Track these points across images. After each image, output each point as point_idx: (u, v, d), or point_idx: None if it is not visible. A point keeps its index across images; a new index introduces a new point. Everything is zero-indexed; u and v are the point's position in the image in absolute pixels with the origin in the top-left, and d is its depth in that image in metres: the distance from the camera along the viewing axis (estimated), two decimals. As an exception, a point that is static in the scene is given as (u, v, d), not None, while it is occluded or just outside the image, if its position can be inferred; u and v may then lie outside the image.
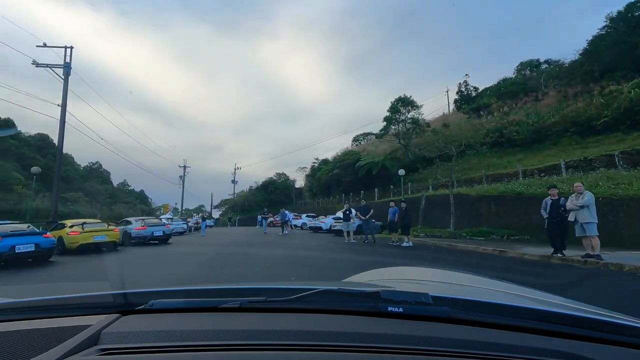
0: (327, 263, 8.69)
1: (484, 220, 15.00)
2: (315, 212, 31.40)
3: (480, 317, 0.81)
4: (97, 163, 71.53)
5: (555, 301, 1.13)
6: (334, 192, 36.63)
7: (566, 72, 30.82)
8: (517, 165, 21.05)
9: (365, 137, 48.31)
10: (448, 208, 16.84)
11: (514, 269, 7.26)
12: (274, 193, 54.29)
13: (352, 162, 33.46)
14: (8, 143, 42.23)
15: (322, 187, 40.42)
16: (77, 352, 0.70)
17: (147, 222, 15.02)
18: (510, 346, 0.71)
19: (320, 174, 40.56)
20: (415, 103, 30.56)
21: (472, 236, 13.82)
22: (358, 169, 31.46)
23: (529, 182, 14.83)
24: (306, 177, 53.68)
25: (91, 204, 46.67)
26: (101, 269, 8.51)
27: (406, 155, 30.94)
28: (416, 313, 0.83)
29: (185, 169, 50.06)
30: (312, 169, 49.96)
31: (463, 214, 15.51)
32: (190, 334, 0.76)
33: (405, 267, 2.23)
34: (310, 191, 46.99)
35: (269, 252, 11.07)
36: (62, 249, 11.48)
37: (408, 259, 8.67)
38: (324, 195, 39.89)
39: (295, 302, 0.88)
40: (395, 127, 31.43)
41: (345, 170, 34.10)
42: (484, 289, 1.26)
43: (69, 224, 12.09)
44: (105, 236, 12.05)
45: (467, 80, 40.36)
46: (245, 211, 54.24)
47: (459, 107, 38.98)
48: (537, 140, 23.43)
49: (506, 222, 13.95)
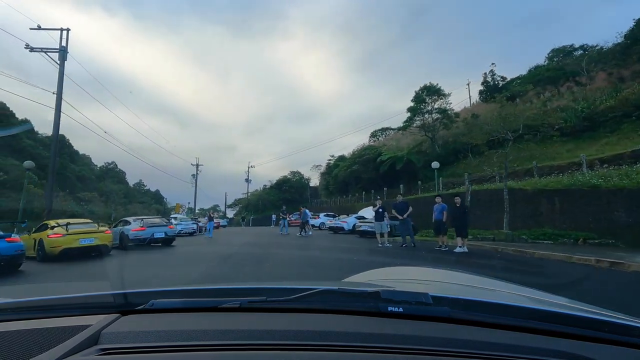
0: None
1: (544, 219, 12.39)
2: (332, 211, 29.13)
3: (481, 317, 0.80)
4: (112, 163, 71.48)
5: (556, 301, 1.11)
6: (352, 189, 34.27)
7: (612, 55, 27.67)
8: (567, 154, 18.31)
9: (384, 132, 45.67)
10: (494, 205, 14.26)
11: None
12: (289, 192, 52.23)
13: (373, 157, 31.03)
14: (24, 143, 41.84)
15: (339, 185, 38.16)
16: (77, 352, 0.69)
17: (146, 222, 13.06)
18: (510, 346, 0.70)
19: (337, 171, 38.26)
20: (442, 91, 27.88)
21: (534, 239, 11.26)
22: (379, 164, 29.01)
23: (602, 173, 12.10)
24: (321, 175, 51.53)
25: (106, 203, 46.05)
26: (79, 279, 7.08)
27: (433, 149, 28.26)
28: (416, 313, 0.82)
29: (197, 167, 48.67)
30: (327, 167, 47.60)
31: (515, 212, 12.91)
32: (190, 334, 0.75)
33: (405, 267, 2.34)
34: (326, 189, 44.70)
35: (292, 259, 8.91)
36: (43, 255, 9.63)
37: (489, 270, 6.30)
38: (341, 193, 37.54)
39: (295, 302, 0.87)
40: (420, 118, 28.80)
41: (365, 166, 31.70)
42: (484, 289, 1.24)
43: (52, 224, 10.24)
44: (95, 239, 10.12)
45: (494, 70, 37.23)
46: (259, 210, 52.61)
47: (485, 99, 35.98)
48: (589, 128, 20.48)
49: (575, 222, 11.34)
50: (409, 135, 31.65)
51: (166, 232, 13.17)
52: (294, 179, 55.03)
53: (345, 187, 36.69)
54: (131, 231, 12.46)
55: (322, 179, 49.21)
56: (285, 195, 50.94)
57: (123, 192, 61.32)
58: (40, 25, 16.26)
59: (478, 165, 23.96)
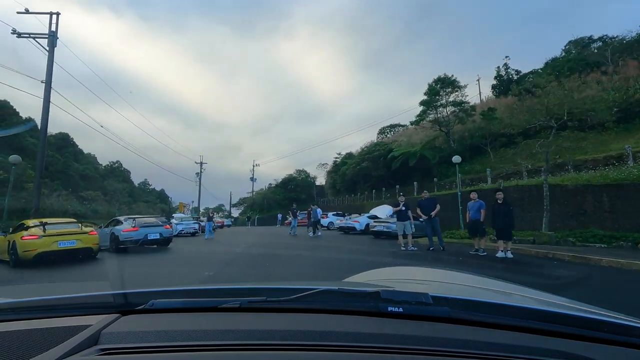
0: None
1: (589, 219, 10.84)
2: (340, 210, 27.67)
3: (481, 317, 0.80)
4: (117, 162, 70.76)
5: (556, 301, 1.11)
6: (361, 188, 32.78)
7: (639, 44, 25.88)
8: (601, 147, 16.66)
9: (393, 128, 44.12)
10: (528, 204, 12.72)
11: None
12: (294, 191, 50.45)
13: (383, 153, 29.50)
14: (26, 141, 41.11)
15: (346, 183, 36.63)
16: (77, 352, 0.69)
17: (139, 222, 11.67)
18: (510, 346, 0.70)
19: (345, 169, 36.72)
20: (458, 83, 26.25)
21: (583, 241, 9.73)
22: (391, 160, 27.46)
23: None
24: (327, 174, 50.06)
25: (110, 202, 45.24)
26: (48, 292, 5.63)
27: (448, 144, 26.65)
28: (416, 313, 0.82)
29: (201, 166, 47.40)
30: (334, 164, 45.77)
31: (553, 210, 11.36)
32: (190, 334, 0.75)
33: (405, 267, 2.25)
34: (333, 188, 43.06)
35: (316, 264, 7.51)
36: (15, 259, 8.33)
37: (574, 289, 4.80)
38: (349, 191, 36.00)
39: (295, 302, 0.87)
40: (434, 112, 27.19)
41: (375, 163, 30.17)
42: (484, 289, 1.24)
43: (29, 224, 8.95)
44: (77, 241, 8.79)
45: (507, 63, 35.36)
46: (264, 210, 51.05)
47: (499, 93, 34.20)
48: (622, 120, 18.77)
49: (630, 222, 9.79)
50: (422, 131, 30.07)
51: (161, 232, 11.82)
52: (299, 178, 53.17)
53: (353, 186, 35.16)
54: (122, 232, 11.12)
55: (329, 177, 47.62)
56: (290, 194, 49.26)
57: (127, 191, 60.45)
58: (27, 9, 15.04)
59: (499, 160, 22.38)
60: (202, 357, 0.67)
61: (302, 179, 52.95)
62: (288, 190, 50.80)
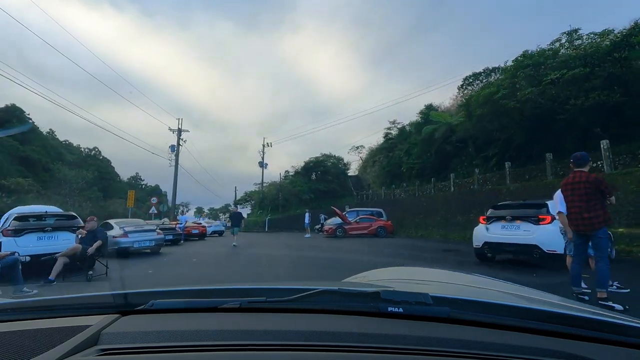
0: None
1: None
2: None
3: (480, 317, 0.80)
4: (95, 148, 58.75)
5: (556, 301, 1.10)
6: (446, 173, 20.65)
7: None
8: None
9: (477, 78, 24.21)
10: None
11: None
12: (323, 180, 36.52)
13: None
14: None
15: (432, 158, 23.15)
16: (77, 352, 0.69)
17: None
18: (510, 346, 0.70)
19: (429, 129, 22.89)
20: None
21: None
22: None
23: None
24: (365, 160, 38.90)
25: (67, 196, 34.05)
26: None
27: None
28: (416, 313, 0.81)
29: (180, 133, 28.47)
30: (387, 140, 32.33)
31: None
32: (190, 334, 0.75)
33: (405, 267, 2.20)
34: (381, 177, 31.33)
35: None
36: None
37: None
38: (433, 174, 22.34)
39: (295, 302, 0.87)
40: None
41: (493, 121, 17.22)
42: (484, 289, 1.21)
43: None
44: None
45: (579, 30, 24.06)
46: (279, 208, 36.32)
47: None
48: None
49: None
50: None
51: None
52: (328, 163, 38.77)
53: (445, 161, 21.84)
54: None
55: (371, 162, 35.31)
56: (317, 185, 36.19)
57: (99, 185, 46.04)
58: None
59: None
60: (202, 357, 0.67)
61: (332, 165, 38.94)
62: (315, 179, 37.35)
